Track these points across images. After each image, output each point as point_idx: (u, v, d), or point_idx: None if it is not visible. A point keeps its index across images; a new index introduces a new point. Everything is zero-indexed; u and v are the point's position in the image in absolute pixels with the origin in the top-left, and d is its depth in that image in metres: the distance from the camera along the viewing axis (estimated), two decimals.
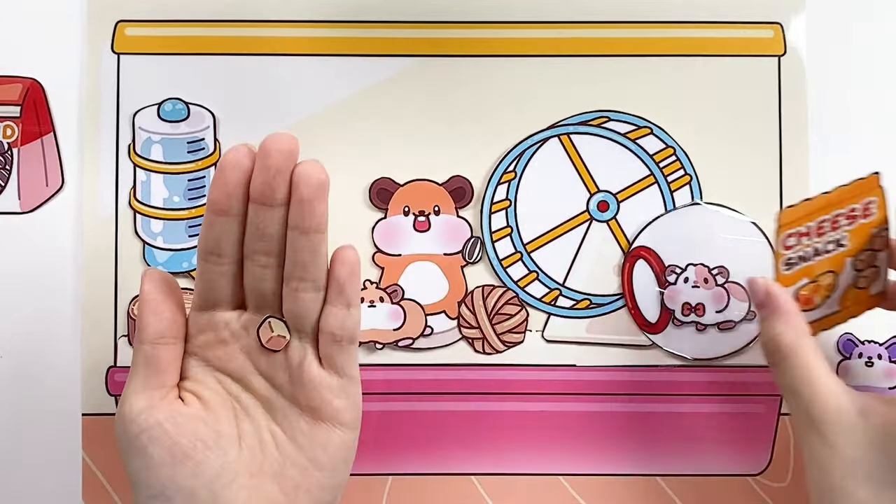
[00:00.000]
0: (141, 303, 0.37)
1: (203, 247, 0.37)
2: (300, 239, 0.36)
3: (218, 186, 0.36)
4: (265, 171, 0.35)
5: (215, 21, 0.47)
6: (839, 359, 0.48)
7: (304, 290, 0.37)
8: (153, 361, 0.37)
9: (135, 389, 0.36)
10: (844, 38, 0.48)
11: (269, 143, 0.35)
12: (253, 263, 0.37)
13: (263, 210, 0.36)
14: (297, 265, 0.36)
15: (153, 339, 0.37)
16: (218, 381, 0.38)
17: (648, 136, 0.48)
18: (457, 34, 0.48)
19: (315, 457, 0.38)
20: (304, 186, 0.35)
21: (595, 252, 0.48)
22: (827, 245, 0.42)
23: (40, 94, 0.47)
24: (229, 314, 0.38)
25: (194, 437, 0.36)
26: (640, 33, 0.48)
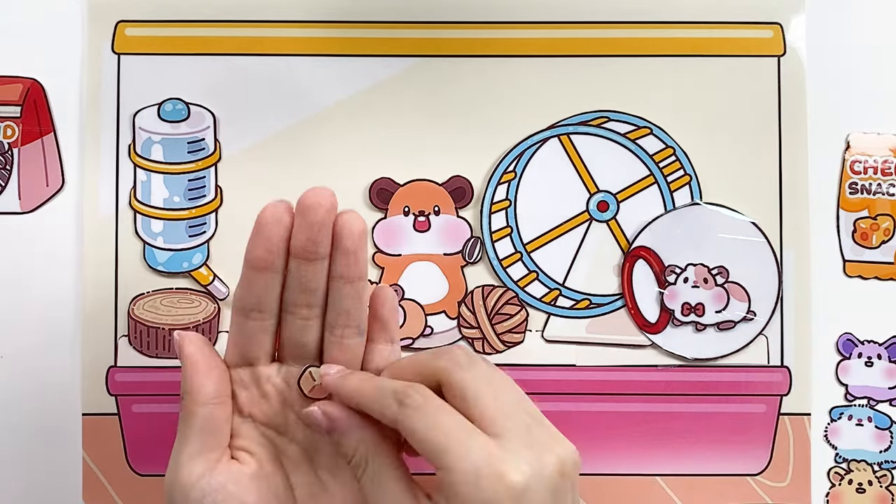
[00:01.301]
0: (186, 367, 0.37)
1: (243, 304, 0.37)
2: (345, 288, 0.36)
3: (259, 243, 0.36)
4: (309, 228, 0.35)
5: (215, 21, 0.47)
6: (839, 359, 0.48)
7: (350, 337, 0.37)
8: (209, 424, 0.36)
9: (191, 454, 0.36)
10: (844, 38, 0.48)
11: (311, 198, 0.35)
12: (295, 317, 0.37)
13: (306, 265, 0.36)
14: (341, 313, 0.37)
15: (207, 401, 0.36)
16: (264, 436, 0.38)
17: (648, 136, 0.48)
18: (457, 34, 0.48)
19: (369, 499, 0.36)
20: (347, 238, 0.36)
21: (595, 252, 0.48)
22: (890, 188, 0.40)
23: (40, 94, 0.47)
24: (269, 368, 0.38)
25: (258, 496, 0.36)
26: (641, 33, 0.48)
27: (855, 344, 0.48)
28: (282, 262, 0.36)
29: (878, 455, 0.48)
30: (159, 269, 0.47)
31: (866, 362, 0.48)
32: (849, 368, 0.48)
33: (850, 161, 0.48)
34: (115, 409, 0.46)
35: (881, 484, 0.48)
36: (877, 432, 0.48)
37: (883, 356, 0.48)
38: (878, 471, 0.48)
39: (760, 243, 0.47)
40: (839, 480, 0.48)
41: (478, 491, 0.31)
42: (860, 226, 0.48)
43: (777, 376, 0.47)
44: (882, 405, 0.48)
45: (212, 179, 0.47)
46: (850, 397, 0.48)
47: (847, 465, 0.48)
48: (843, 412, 0.48)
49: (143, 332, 0.46)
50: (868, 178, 0.48)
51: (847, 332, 0.48)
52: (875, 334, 0.48)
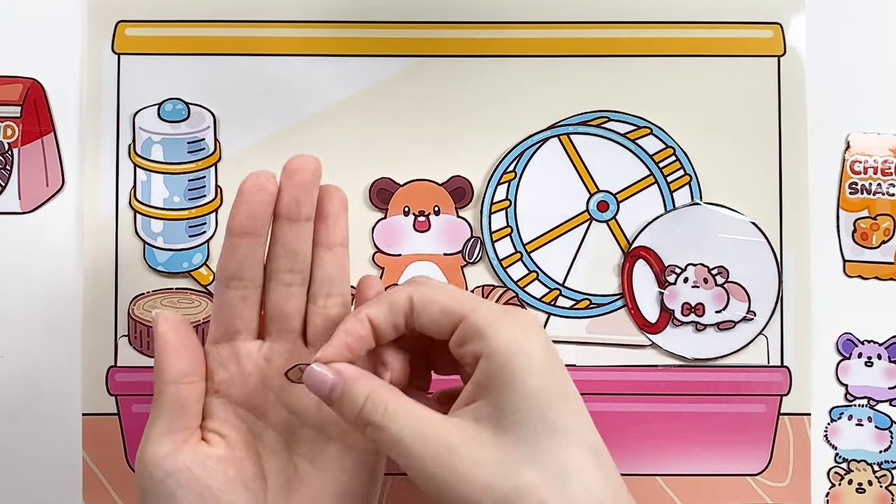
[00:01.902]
0: (158, 345, 0.36)
1: (224, 273, 0.36)
2: (327, 254, 0.37)
3: (241, 209, 0.36)
4: (293, 188, 0.36)
5: (215, 21, 0.47)
6: (839, 359, 0.48)
7: (333, 307, 0.37)
8: (177, 403, 0.36)
9: (158, 433, 0.35)
10: (844, 38, 0.48)
11: (297, 161, 0.36)
12: (278, 283, 0.37)
13: (290, 225, 0.36)
14: (324, 281, 0.37)
15: (176, 380, 0.36)
16: (240, 419, 0.37)
17: (648, 136, 0.48)
18: (457, 34, 0.48)
19: (349, 485, 0.36)
20: (328, 204, 0.37)
21: (595, 252, 0.48)
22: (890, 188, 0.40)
23: (40, 94, 0.47)
24: (251, 344, 0.37)
25: (223, 479, 0.35)
26: (641, 33, 0.48)
27: (855, 344, 0.48)
28: (264, 228, 0.36)
29: (878, 455, 0.48)
30: (159, 269, 0.47)
31: (866, 362, 0.48)
32: (849, 368, 0.48)
33: (850, 161, 0.48)
34: (115, 409, 0.46)
35: (881, 484, 0.48)
36: (877, 432, 0.48)
37: (883, 356, 0.48)
38: (878, 471, 0.48)
39: (760, 243, 0.47)
40: (839, 480, 0.48)
41: (507, 321, 0.33)
42: (860, 226, 0.48)
43: (777, 376, 0.47)
44: (882, 405, 0.48)
45: (212, 179, 0.47)
46: (850, 397, 0.48)
47: (847, 465, 0.48)
48: (843, 412, 0.48)
49: (143, 332, 0.46)
50: (868, 178, 0.48)
51: (847, 332, 0.48)
52: (875, 334, 0.48)
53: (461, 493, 0.31)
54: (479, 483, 0.31)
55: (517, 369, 0.32)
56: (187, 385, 0.36)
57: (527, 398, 0.32)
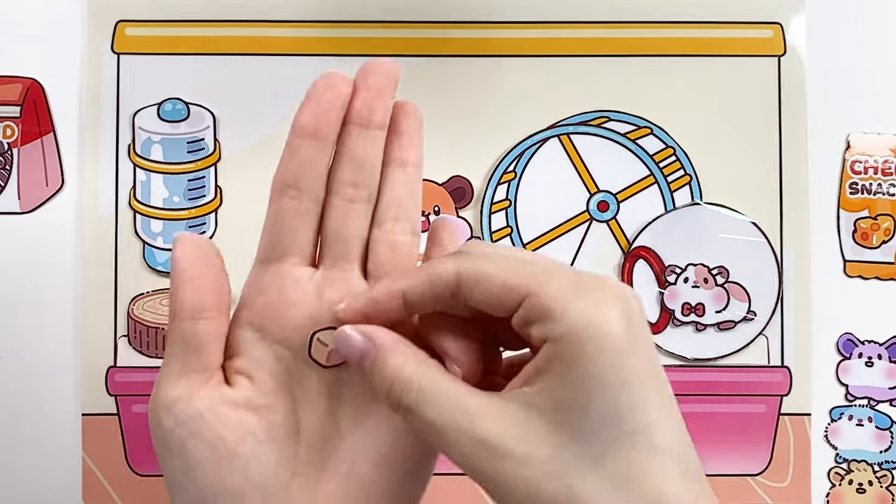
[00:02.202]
0: (173, 273, 0.30)
1: (280, 180, 0.31)
2: (398, 172, 0.32)
3: (309, 108, 0.31)
4: (367, 91, 0.31)
5: (215, 21, 0.47)
6: (839, 359, 0.48)
7: (401, 233, 0.32)
8: (193, 340, 0.30)
9: (170, 375, 0.30)
10: (844, 38, 0.48)
11: (372, 64, 0.32)
12: (338, 198, 0.31)
13: (359, 131, 0.31)
14: (392, 202, 0.32)
15: (192, 315, 0.30)
16: (276, 358, 0.31)
17: (648, 136, 0.48)
18: (457, 34, 0.48)
19: (392, 452, 0.31)
20: (404, 119, 0.33)
21: (595, 252, 0.48)
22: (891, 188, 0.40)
23: (40, 94, 0.47)
24: (300, 270, 0.31)
25: (242, 430, 0.30)
26: (640, 33, 0.48)
27: (855, 344, 0.48)
28: (332, 132, 0.31)
29: (879, 455, 0.48)
30: (159, 269, 0.47)
31: (867, 362, 0.48)
32: (849, 368, 0.48)
33: (851, 161, 0.48)
34: (114, 410, 0.46)
35: (881, 484, 0.48)
36: (877, 432, 0.48)
37: (883, 356, 0.48)
38: (878, 471, 0.48)
39: (761, 243, 0.47)
40: (839, 481, 0.48)
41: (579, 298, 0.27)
42: (860, 226, 0.48)
43: (777, 376, 0.47)
44: (882, 405, 0.48)
45: (211, 179, 0.47)
46: (850, 397, 0.48)
47: (847, 466, 0.48)
48: (843, 412, 0.48)
49: (143, 332, 0.46)
50: (868, 178, 0.48)
51: (847, 333, 0.48)
52: (875, 334, 0.48)
53: (503, 490, 0.27)
54: (523, 481, 0.27)
55: (585, 356, 0.27)
56: (205, 321, 0.30)
57: (593, 391, 0.26)
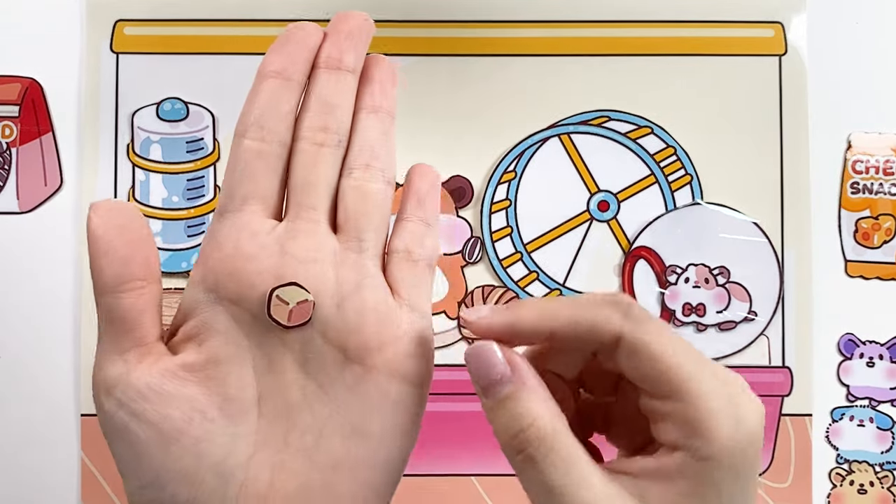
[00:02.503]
0: (88, 246, 0.27)
1: (243, 121, 0.29)
2: (370, 118, 0.30)
3: (276, 49, 0.29)
4: (337, 34, 0.30)
5: (215, 21, 0.47)
6: (840, 359, 0.48)
7: (374, 181, 0.29)
8: (120, 315, 0.27)
9: (105, 355, 0.27)
10: (845, 38, 0.48)
11: (343, 13, 0.30)
12: (306, 143, 0.29)
13: (329, 74, 0.29)
14: (364, 149, 0.29)
15: (114, 288, 0.27)
16: (232, 319, 0.28)
17: (649, 135, 0.48)
18: (457, 34, 0.48)
19: (363, 422, 0.28)
20: (375, 67, 0.30)
21: (595, 252, 0.48)
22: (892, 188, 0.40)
23: (39, 93, 0.47)
24: (261, 221, 0.28)
25: (189, 406, 0.27)
26: (641, 33, 0.48)
27: (856, 344, 0.48)
28: (299, 73, 0.29)
29: (880, 456, 0.48)
30: None
31: (868, 363, 0.48)
32: (850, 369, 0.48)
33: (852, 161, 0.48)
34: None
35: (883, 485, 0.47)
36: (878, 433, 0.48)
37: (884, 356, 0.48)
38: (879, 472, 0.48)
39: (761, 243, 0.47)
40: (840, 481, 0.47)
41: (733, 424, 0.25)
42: (862, 226, 0.48)
43: (778, 377, 0.47)
44: (883, 406, 0.48)
45: (210, 179, 0.47)
46: (851, 398, 0.48)
47: (848, 466, 0.47)
48: (844, 413, 0.48)
49: None
50: (870, 177, 0.48)
51: (848, 333, 0.48)
52: (876, 335, 0.48)
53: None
54: None
55: (724, 484, 0.25)
56: (131, 292, 0.27)
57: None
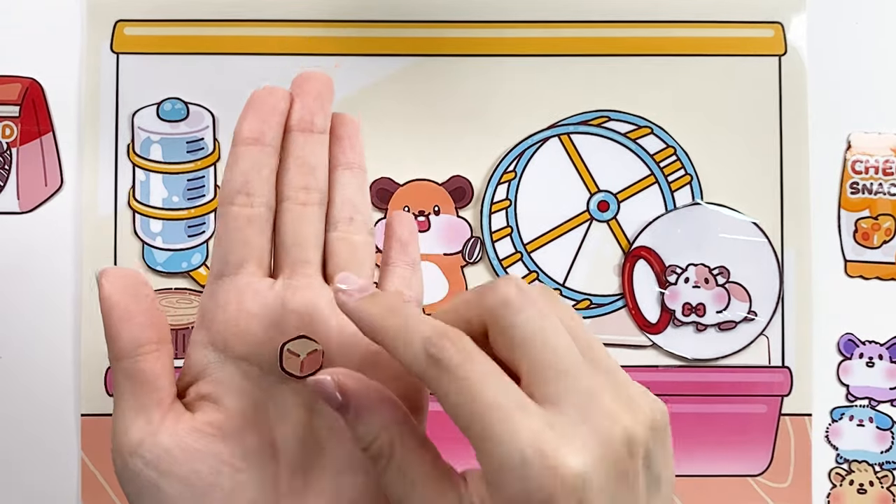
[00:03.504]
0: (105, 311, 0.29)
1: (228, 189, 0.30)
2: (346, 174, 0.32)
3: (248, 114, 0.31)
4: (305, 96, 0.32)
5: (215, 21, 0.47)
6: (840, 359, 0.48)
7: (358, 233, 0.31)
8: (140, 377, 0.29)
9: (126, 416, 0.29)
10: (845, 38, 0.48)
11: (305, 73, 0.32)
12: (292, 202, 0.31)
13: (305, 136, 0.31)
14: (345, 203, 0.32)
15: (132, 352, 0.29)
16: (244, 376, 0.29)
17: (648, 135, 0.48)
18: (457, 34, 0.48)
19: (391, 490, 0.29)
20: (341, 126, 0.33)
21: (595, 252, 0.48)
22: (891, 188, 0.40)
23: (39, 93, 0.47)
24: (259, 281, 0.30)
25: (216, 460, 0.28)
26: (641, 33, 0.48)
27: (856, 344, 0.48)
28: (275, 138, 0.31)
29: (880, 456, 0.48)
30: (158, 269, 0.47)
31: (867, 363, 0.48)
32: (850, 369, 0.48)
33: (852, 161, 0.48)
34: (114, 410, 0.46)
35: (882, 485, 0.48)
36: (878, 433, 0.48)
37: (884, 356, 0.48)
38: (879, 471, 0.48)
39: (761, 243, 0.47)
40: (840, 481, 0.47)
41: (524, 482, 0.24)
42: (861, 226, 0.48)
43: (778, 377, 0.47)
44: (883, 406, 0.48)
45: (211, 179, 0.47)
46: (851, 398, 0.48)
47: (848, 466, 0.47)
48: (844, 413, 0.48)
49: None
50: (869, 177, 0.48)
51: (848, 333, 0.48)
52: (876, 335, 0.48)
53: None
54: None
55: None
56: (149, 356, 0.29)
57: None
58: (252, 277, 0.30)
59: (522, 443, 0.24)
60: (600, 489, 0.25)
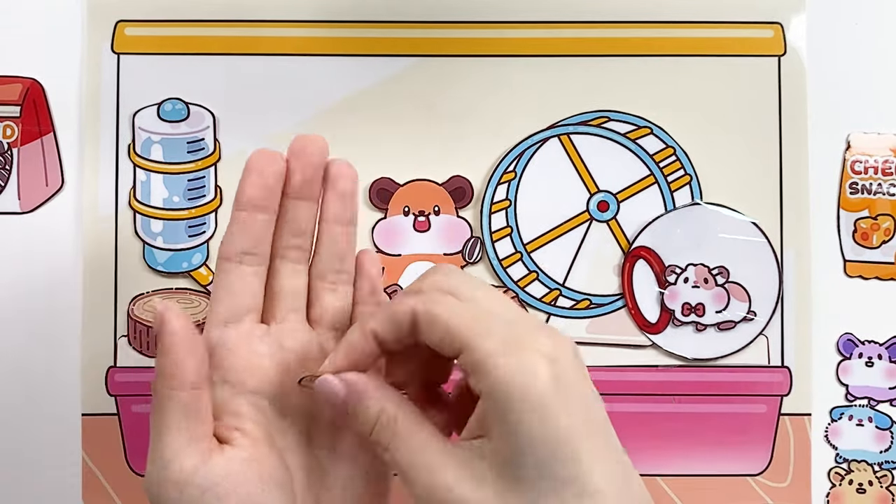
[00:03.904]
0: (168, 344, 0.32)
1: (238, 248, 0.34)
2: (339, 229, 0.36)
3: (254, 182, 0.34)
4: (303, 168, 0.35)
5: (215, 21, 0.47)
6: (839, 359, 0.48)
7: (343, 283, 0.36)
8: (195, 409, 0.32)
9: (175, 445, 0.32)
10: (844, 38, 0.48)
11: (304, 141, 0.36)
12: (287, 261, 0.35)
13: (301, 205, 0.35)
14: (334, 257, 0.36)
15: (193, 385, 0.32)
16: (256, 409, 0.34)
17: (648, 136, 0.48)
18: (457, 34, 0.48)
19: (375, 463, 0.34)
20: (340, 180, 0.36)
21: (595, 252, 0.48)
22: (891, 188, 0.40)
23: (40, 94, 0.47)
24: (259, 328, 0.35)
25: (261, 483, 0.32)
26: (640, 33, 0.48)
27: (855, 344, 0.48)
28: (275, 202, 0.35)
29: (879, 455, 0.48)
30: (159, 269, 0.47)
31: (867, 362, 0.48)
32: (849, 368, 0.48)
33: (851, 161, 0.48)
34: (114, 410, 0.46)
35: (882, 484, 0.48)
36: (877, 432, 0.48)
37: (883, 356, 0.48)
38: (878, 471, 0.48)
39: (761, 243, 0.47)
40: (839, 481, 0.48)
41: (507, 359, 0.29)
42: (861, 226, 0.48)
43: (777, 376, 0.47)
44: (882, 405, 0.48)
45: (211, 179, 0.47)
46: (850, 397, 0.48)
47: (847, 466, 0.48)
48: (843, 412, 0.48)
49: (143, 332, 0.46)
50: (868, 177, 0.48)
51: (847, 333, 0.48)
52: (875, 334, 0.48)
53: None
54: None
55: (514, 416, 0.29)
56: (206, 390, 0.33)
57: (524, 446, 0.29)
58: (253, 325, 0.35)
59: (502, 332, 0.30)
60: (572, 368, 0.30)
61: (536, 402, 0.29)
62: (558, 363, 0.30)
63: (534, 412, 0.29)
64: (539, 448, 0.29)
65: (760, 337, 0.47)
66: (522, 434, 0.29)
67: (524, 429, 0.29)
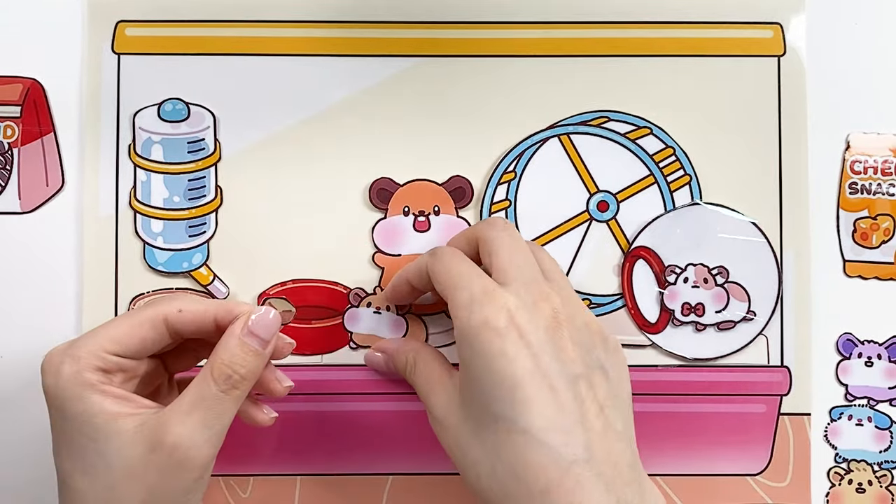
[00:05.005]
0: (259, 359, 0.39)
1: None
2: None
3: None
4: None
5: (215, 21, 0.47)
6: (839, 359, 0.48)
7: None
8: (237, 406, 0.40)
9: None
10: (844, 38, 0.48)
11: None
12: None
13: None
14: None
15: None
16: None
17: (648, 136, 0.48)
18: (457, 34, 0.48)
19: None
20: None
21: (595, 252, 0.48)
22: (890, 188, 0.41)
23: (40, 94, 0.47)
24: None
25: None
26: (640, 33, 0.48)
27: (855, 344, 0.48)
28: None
29: (878, 455, 0.48)
30: (159, 269, 0.47)
31: (866, 362, 0.48)
32: (849, 368, 0.48)
33: (850, 161, 0.48)
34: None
35: (881, 484, 0.48)
36: (877, 432, 0.48)
37: (883, 356, 0.48)
38: (877, 471, 0.48)
39: (760, 243, 0.47)
40: (839, 480, 0.48)
41: (470, 311, 0.37)
42: (860, 226, 0.48)
43: (777, 376, 0.47)
44: (882, 405, 0.48)
45: (212, 179, 0.47)
46: (850, 397, 0.48)
47: (847, 465, 0.48)
48: (843, 412, 0.48)
49: None
50: (868, 178, 0.48)
51: (847, 332, 0.48)
52: (875, 334, 0.48)
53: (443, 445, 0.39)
54: (446, 442, 0.39)
55: (468, 358, 0.37)
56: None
57: (472, 385, 0.37)
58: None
59: (475, 288, 0.38)
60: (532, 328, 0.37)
61: (486, 349, 0.36)
62: (514, 318, 0.36)
63: (482, 357, 0.36)
64: (484, 387, 0.36)
65: (760, 337, 0.47)
66: (472, 374, 0.37)
67: (473, 369, 0.37)
